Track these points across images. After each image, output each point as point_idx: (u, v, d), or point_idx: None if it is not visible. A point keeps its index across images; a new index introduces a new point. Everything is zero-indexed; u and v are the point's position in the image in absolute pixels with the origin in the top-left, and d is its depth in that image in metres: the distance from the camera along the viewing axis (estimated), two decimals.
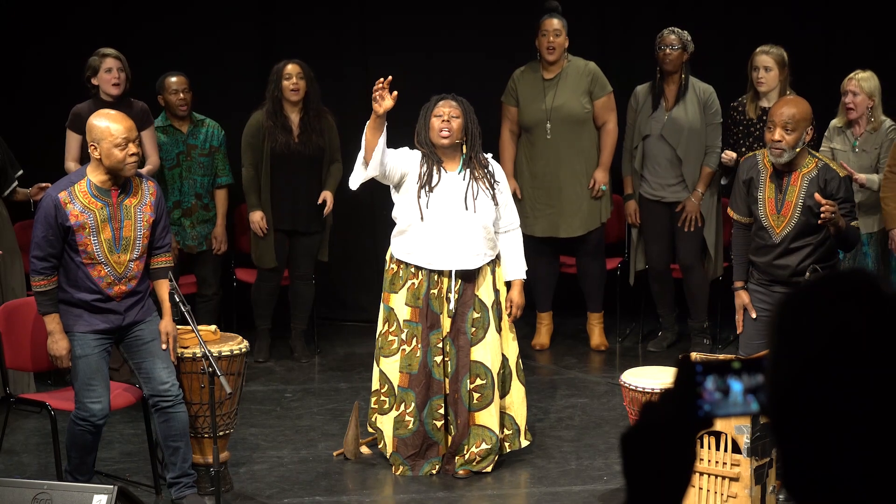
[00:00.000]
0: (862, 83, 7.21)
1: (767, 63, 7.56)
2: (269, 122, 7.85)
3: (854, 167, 7.17)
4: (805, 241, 5.85)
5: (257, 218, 7.90)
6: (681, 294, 8.27)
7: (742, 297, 6.05)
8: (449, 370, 6.20)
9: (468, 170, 6.23)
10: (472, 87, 7.74)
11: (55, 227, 5.56)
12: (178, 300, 5.69)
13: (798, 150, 5.78)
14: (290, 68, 7.82)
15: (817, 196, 5.73)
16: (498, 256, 6.32)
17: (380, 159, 6.06)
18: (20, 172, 7.31)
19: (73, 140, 7.54)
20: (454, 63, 8.59)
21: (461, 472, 6.24)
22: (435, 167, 6.20)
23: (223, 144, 8.00)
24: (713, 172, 7.92)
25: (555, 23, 7.93)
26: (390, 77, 5.99)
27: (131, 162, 5.57)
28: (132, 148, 5.56)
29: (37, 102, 8.34)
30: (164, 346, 5.77)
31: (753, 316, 5.99)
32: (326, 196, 7.92)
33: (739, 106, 7.72)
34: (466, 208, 6.17)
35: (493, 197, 6.21)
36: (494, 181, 6.24)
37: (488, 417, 6.25)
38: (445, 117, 6.19)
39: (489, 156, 6.34)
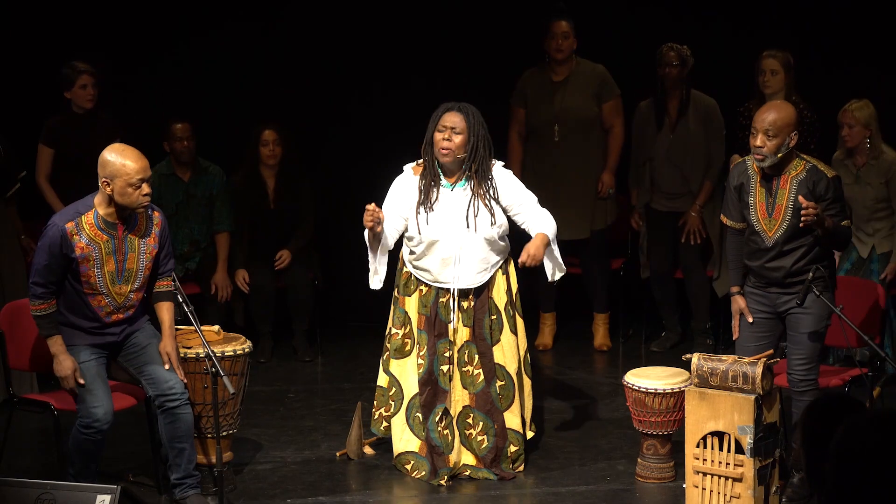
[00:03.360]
0: (856, 113, 7.26)
1: (774, 66, 7.59)
2: (246, 184, 8.11)
3: (859, 198, 7.30)
4: (797, 242, 5.85)
5: (240, 278, 8.06)
6: (683, 295, 8.29)
7: (738, 302, 6.04)
8: (480, 380, 6.20)
9: (469, 184, 6.15)
10: (475, 91, 7.74)
11: (59, 256, 5.56)
12: (181, 300, 5.70)
13: (780, 155, 5.78)
14: (267, 134, 8.04)
15: (801, 199, 5.74)
16: (510, 257, 6.29)
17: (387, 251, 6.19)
18: (23, 173, 7.31)
19: (45, 155, 7.56)
20: (455, 66, 8.59)
21: (510, 472, 6.25)
22: (433, 182, 6.13)
23: (223, 192, 8.08)
24: (714, 187, 7.95)
25: (563, 25, 7.97)
26: (375, 208, 5.98)
27: (144, 203, 5.58)
28: (145, 188, 5.55)
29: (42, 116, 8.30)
30: (166, 367, 5.74)
31: (750, 320, 5.97)
32: (284, 255, 8.10)
33: (746, 111, 7.74)
34: (468, 226, 6.11)
35: (493, 212, 6.12)
36: (496, 195, 6.14)
37: (512, 418, 6.25)
38: (447, 134, 6.08)
39: (500, 164, 6.25)
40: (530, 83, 8.11)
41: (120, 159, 5.54)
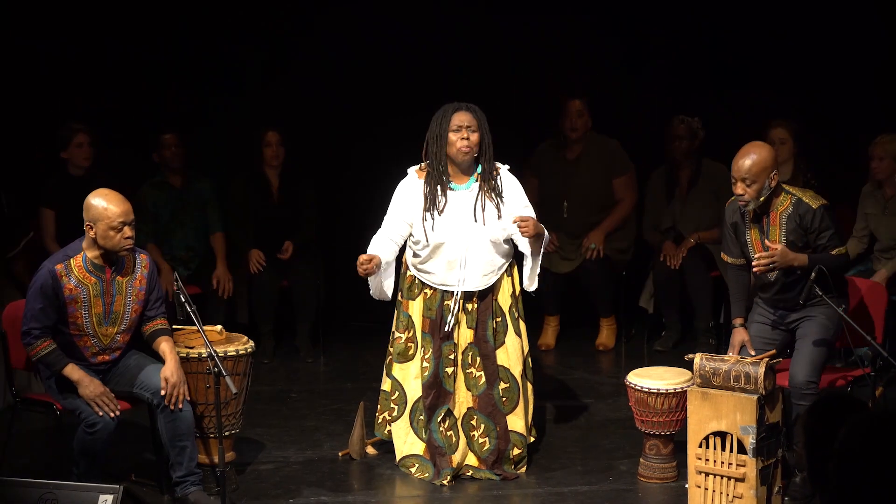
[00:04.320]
0: (887, 146, 7.44)
1: (782, 135, 7.78)
2: (250, 184, 8.24)
3: (884, 228, 7.44)
4: (799, 274, 5.87)
5: (254, 259, 8.12)
6: (686, 295, 8.31)
7: (741, 335, 6.03)
8: (482, 382, 6.20)
9: (478, 182, 6.14)
10: (475, 92, 7.75)
11: (51, 297, 5.64)
12: (183, 300, 5.71)
13: (762, 198, 5.83)
14: (270, 136, 8.18)
15: (767, 242, 5.80)
16: (514, 261, 6.28)
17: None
18: (31, 236, 7.37)
19: (48, 217, 7.61)
20: (458, 68, 8.62)
21: (513, 473, 6.25)
22: (440, 187, 6.12)
23: (213, 198, 8.21)
24: (718, 237, 8.00)
25: (577, 104, 8.18)
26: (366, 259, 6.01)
27: (126, 245, 5.67)
28: (128, 231, 5.65)
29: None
30: (162, 392, 5.76)
31: (752, 354, 5.97)
32: (287, 245, 8.18)
33: None
34: (476, 220, 6.10)
35: (499, 208, 6.11)
36: (502, 194, 6.14)
37: (516, 421, 6.25)
38: (464, 133, 6.07)
39: (506, 167, 6.24)
40: (545, 158, 8.34)
41: (102, 203, 5.65)
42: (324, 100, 8.83)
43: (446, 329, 6.14)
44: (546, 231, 6.12)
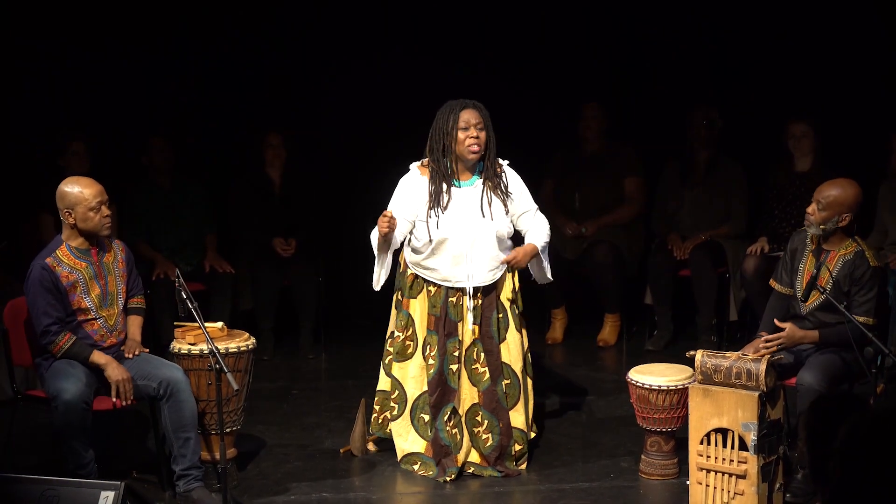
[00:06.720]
0: None
1: (804, 130, 7.86)
2: (251, 183, 8.32)
3: (892, 220, 7.48)
4: (830, 317, 5.88)
5: (279, 243, 8.20)
6: (679, 294, 8.32)
7: (758, 343, 6.03)
8: (486, 378, 6.20)
9: (483, 179, 6.16)
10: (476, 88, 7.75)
11: (53, 289, 5.73)
12: (185, 297, 5.72)
13: (825, 227, 5.90)
14: (272, 137, 8.28)
15: (776, 322, 5.86)
16: None
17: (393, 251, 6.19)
18: (4, 244, 7.41)
19: (47, 222, 7.65)
20: (459, 67, 8.63)
21: (515, 470, 6.26)
22: (445, 184, 6.13)
23: (205, 198, 8.29)
24: (729, 234, 8.19)
25: (593, 106, 8.38)
26: (391, 214, 5.99)
27: (106, 224, 5.82)
28: (105, 210, 5.81)
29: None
30: (127, 355, 5.90)
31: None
32: (291, 241, 8.27)
33: (774, 171, 7.96)
34: (483, 216, 6.11)
35: (506, 203, 6.14)
36: (507, 190, 6.16)
37: (518, 417, 6.25)
38: (473, 132, 6.07)
39: (505, 162, 6.25)
40: (561, 158, 8.51)
41: (77, 188, 5.81)
42: (325, 100, 8.84)
43: (469, 327, 6.14)
44: (546, 232, 6.20)
